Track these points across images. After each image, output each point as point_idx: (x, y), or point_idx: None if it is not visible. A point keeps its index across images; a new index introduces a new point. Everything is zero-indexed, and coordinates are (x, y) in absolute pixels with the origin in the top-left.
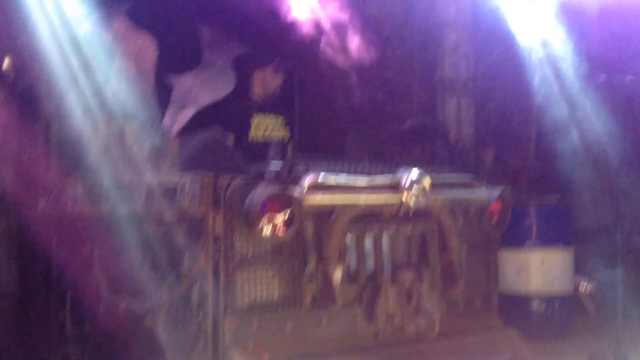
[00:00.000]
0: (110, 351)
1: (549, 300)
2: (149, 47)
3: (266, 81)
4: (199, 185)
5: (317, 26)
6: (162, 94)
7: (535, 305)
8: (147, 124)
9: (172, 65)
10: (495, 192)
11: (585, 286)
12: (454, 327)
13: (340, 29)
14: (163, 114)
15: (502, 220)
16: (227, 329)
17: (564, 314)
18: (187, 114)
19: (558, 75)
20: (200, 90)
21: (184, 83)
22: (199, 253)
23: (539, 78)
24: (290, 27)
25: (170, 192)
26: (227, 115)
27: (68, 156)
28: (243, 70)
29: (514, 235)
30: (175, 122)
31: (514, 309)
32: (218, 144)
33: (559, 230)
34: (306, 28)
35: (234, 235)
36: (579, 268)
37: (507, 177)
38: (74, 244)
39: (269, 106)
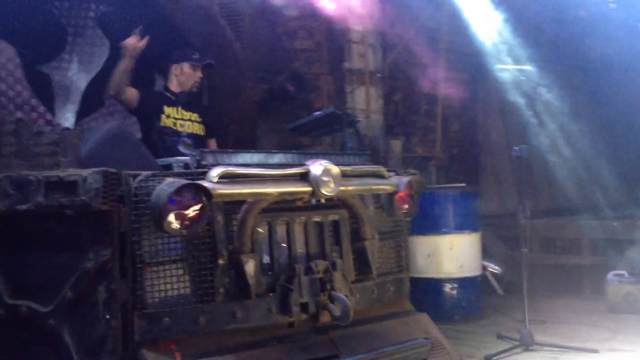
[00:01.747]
0: (13, 355)
1: (459, 283)
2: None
3: (183, 76)
4: (102, 179)
5: (224, 17)
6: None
7: (446, 288)
8: (44, 115)
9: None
10: (405, 180)
11: (492, 269)
12: (368, 314)
13: (247, 19)
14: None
15: (412, 207)
16: (137, 327)
17: (473, 296)
18: (75, 99)
19: (465, 64)
20: (79, 73)
21: (62, 72)
22: (105, 249)
23: (446, 67)
24: (197, 20)
25: (72, 187)
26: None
27: None
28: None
29: (423, 221)
30: (68, 112)
31: (426, 292)
32: (122, 137)
33: (466, 215)
34: (213, 20)
35: (141, 230)
36: (486, 251)
37: (416, 166)
38: None
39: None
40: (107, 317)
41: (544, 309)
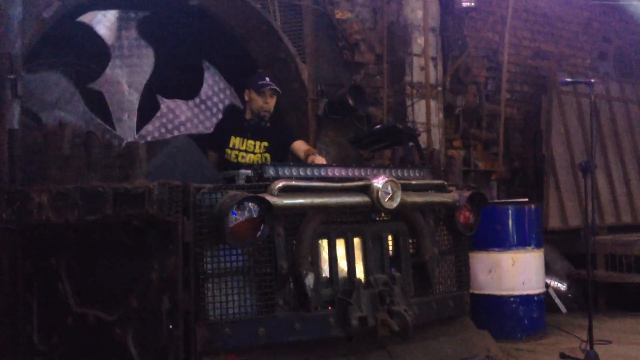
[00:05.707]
0: None
1: (521, 300)
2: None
3: (251, 102)
4: (168, 192)
5: (286, 33)
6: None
7: (507, 305)
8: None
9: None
10: (465, 194)
11: (555, 286)
12: (427, 330)
13: (309, 34)
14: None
15: (473, 222)
16: (199, 337)
17: (535, 313)
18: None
19: (528, 76)
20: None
21: (112, 86)
22: (169, 260)
23: (508, 80)
24: (260, 36)
25: (139, 199)
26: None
27: (33, 164)
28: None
29: (485, 236)
30: (127, 124)
31: (486, 309)
32: (188, 150)
33: (529, 231)
34: (276, 36)
35: (204, 241)
36: (549, 268)
37: (477, 180)
38: (40, 253)
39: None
40: (170, 326)
41: (609, 329)
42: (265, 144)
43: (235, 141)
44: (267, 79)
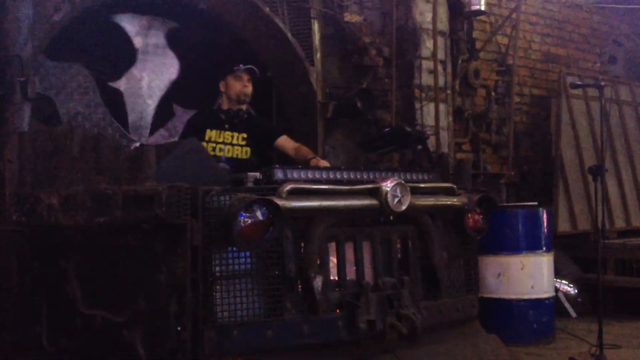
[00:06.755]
0: None
1: (530, 304)
2: None
3: (230, 90)
4: (177, 194)
5: (295, 35)
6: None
7: (516, 309)
8: (119, 131)
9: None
10: (474, 197)
11: (565, 290)
12: (436, 333)
13: (317, 37)
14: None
15: (482, 225)
16: (207, 340)
17: (544, 317)
18: (150, 109)
19: (537, 80)
20: (152, 80)
21: (132, 79)
22: (177, 262)
23: (518, 83)
24: (268, 38)
25: (148, 201)
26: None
27: (43, 166)
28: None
29: (494, 240)
30: (141, 126)
31: (495, 313)
32: (197, 152)
33: (538, 235)
34: (284, 38)
35: (212, 244)
36: (558, 272)
37: (486, 183)
38: (48, 255)
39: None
40: (178, 329)
41: (619, 333)
42: (244, 135)
43: (211, 134)
44: (242, 65)
